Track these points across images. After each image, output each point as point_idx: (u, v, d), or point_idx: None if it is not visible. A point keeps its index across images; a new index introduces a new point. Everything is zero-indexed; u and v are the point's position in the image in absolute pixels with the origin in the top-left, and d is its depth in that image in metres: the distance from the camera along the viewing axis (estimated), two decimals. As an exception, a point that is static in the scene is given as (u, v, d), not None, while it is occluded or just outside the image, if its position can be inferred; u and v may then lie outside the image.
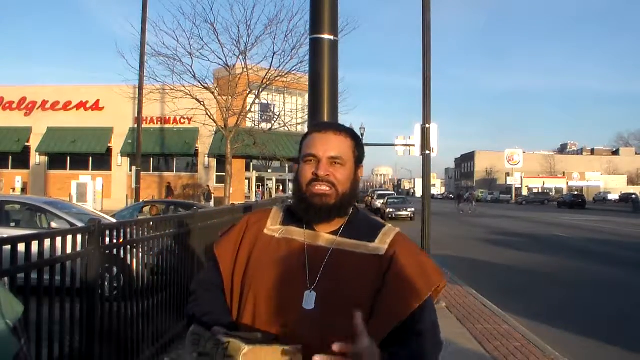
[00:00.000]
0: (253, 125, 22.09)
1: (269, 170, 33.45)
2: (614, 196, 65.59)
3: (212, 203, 26.04)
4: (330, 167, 1.44)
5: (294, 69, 18.28)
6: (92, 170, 32.53)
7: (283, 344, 1.25)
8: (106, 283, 3.64)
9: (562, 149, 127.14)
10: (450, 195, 47.92)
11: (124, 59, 30.76)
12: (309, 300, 1.37)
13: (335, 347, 1.16)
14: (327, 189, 1.43)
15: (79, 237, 3.23)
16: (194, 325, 1.30)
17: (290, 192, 31.08)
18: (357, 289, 1.38)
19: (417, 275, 1.41)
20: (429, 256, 1.52)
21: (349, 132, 1.52)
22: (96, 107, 32.53)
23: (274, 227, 1.51)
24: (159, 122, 31.41)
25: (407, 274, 1.40)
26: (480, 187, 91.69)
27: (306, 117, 6.62)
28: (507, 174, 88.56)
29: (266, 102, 24.62)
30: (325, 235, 1.46)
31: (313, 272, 1.40)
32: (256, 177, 33.29)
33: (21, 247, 2.59)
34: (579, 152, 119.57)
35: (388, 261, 1.42)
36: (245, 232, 1.52)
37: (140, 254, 4.20)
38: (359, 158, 1.51)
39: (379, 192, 40.77)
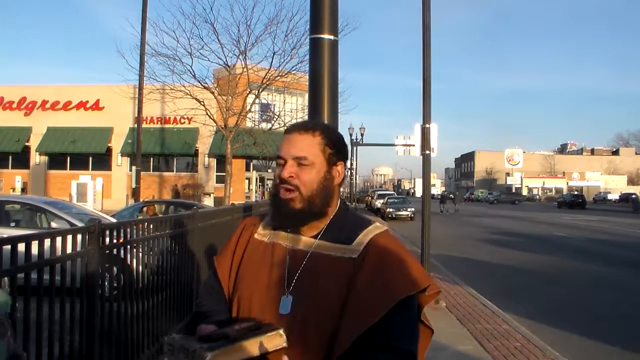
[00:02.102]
0: (253, 125, 22.09)
1: (269, 170, 33.44)
2: (614, 196, 65.57)
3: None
4: (295, 169, 1.40)
5: (294, 69, 18.31)
6: (92, 170, 32.55)
7: (261, 332, 1.27)
8: (106, 283, 3.64)
9: (562, 149, 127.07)
10: (451, 195, 47.84)
11: (124, 59, 30.74)
12: (286, 304, 1.36)
13: None
14: (291, 193, 1.39)
15: (79, 237, 3.23)
16: (167, 336, 1.33)
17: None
18: (329, 292, 1.34)
19: (391, 276, 1.32)
20: (414, 258, 1.42)
21: (319, 130, 1.43)
22: (96, 107, 32.54)
23: (264, 231, 1.51)
24: (159, 122, 31.42)
25: (378, 275, 1.32)
26: (480, 187, 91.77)
27: (306, 117, 6.62)
28: (507, 174, 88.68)
29: (266, 102, 24.62)
30: (305, 239, 1.43)
31: (291, 277, 1.39)
32: (257, 178, 33.28)
33: (21, 247, 2.58)
34: (579, 152, 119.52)
35: (359, 263, 1.35)
36: (240, 237, 1.54)
37: (140, 254, 4.20)
38: (332, 156, 1.43)
39: (379, 192, 40.81)
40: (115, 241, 3.69)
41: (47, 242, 2.86)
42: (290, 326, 1.32)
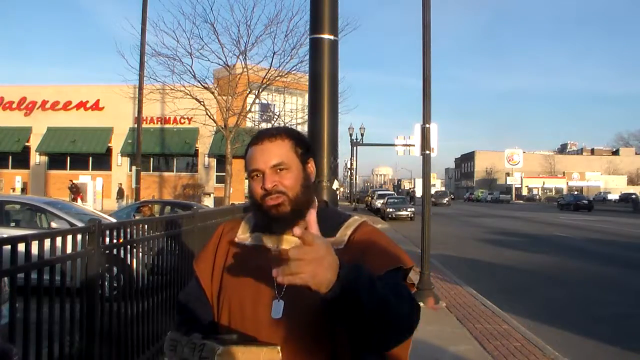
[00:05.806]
0: (253, 125, 22.10)
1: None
2: (614, 196, 65.55)
3: (123, 202, 26.34)
4: (276, 176, 1.40)
5: (294, 69, 18.31)
6: (92, 170, 32.55)
7: (260, 344, 1.27)
8: (106, 283, 3.63)
9: (562, 149, 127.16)
10: (451, 197, 47.67)
11: (124, 59, 30.75)
12: (277, 309, 1.35)
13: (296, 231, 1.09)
14: (279, 199, 1.39)
15: (79, 237, 3.23)
16: (170, 332, 1.31)
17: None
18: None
19: (375, 257, 1.36)
20: (397, 245, 1.46)
21: (285, 133, 1.48)
22: (96, 107, 32.53)
23: (244, 235, 1.51)
24: (159, 122, 31.41)
25: (370, 252, 1.36)
26: (480, 187, 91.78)
27: (306, 117, 6.62)
28: (507, 174, 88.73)
29: (266, 102, 24.62)
30: (289, 238, 1.42)
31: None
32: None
33: (21, 247, 2.58)
34: (579, 152, 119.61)
35: (344, 253, 1.34)
36: (219, 243, 1.53)
37: (140, 254, 4.20)
38: (303, 155, 1.46)
39: (379, 192, 40.78)
40: (115, 241, 3.69)
41: (47, 242, 2.86)
42: (283, 330, 1.32)
